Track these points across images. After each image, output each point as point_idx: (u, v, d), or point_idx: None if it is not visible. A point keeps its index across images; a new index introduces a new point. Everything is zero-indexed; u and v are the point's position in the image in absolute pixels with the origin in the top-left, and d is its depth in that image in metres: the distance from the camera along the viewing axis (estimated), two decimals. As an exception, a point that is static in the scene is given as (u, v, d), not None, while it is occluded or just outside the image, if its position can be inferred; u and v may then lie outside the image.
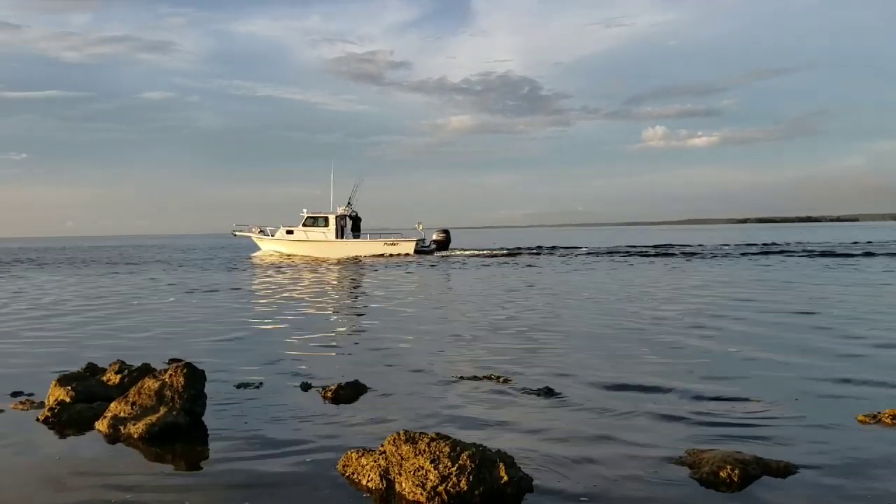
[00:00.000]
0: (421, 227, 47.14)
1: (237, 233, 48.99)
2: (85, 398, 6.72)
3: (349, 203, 47.00)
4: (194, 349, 10.29)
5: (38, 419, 6.45)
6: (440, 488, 4.44)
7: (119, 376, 7.28)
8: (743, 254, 37.69)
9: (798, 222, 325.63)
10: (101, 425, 6.12)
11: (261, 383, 7.92)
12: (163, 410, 6.06)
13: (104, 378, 7.32)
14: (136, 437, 5.86)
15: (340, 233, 45.98)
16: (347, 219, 46.81)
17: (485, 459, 4.56)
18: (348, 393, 7.31)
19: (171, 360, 8.86)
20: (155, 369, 6.99)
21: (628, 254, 40.30)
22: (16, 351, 10.52)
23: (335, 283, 24.43)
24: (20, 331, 12.79)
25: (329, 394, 7.26)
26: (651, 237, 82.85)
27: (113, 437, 5.95)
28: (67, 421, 6.36)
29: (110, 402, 6.44)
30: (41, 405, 6.88)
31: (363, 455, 4.90)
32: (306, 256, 43.84)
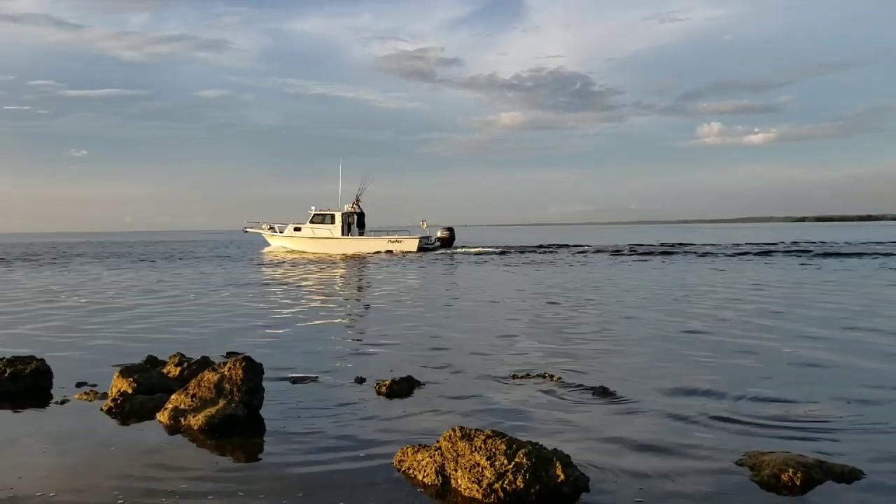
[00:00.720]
0: (425, 225, 47.31)
1: (248, 229, 49.71)
2: (146, 390, 6.91)
3: (357, 199, 47.39)
4: (246, 343, 10.46)
5: (101, 409, 6.65)
6: (496, 486, 4.44)
7: (179, 369, 7.46)
8: (799, 252, 36.80)
9: (858, 221, 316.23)
10: (162, 416, 6.28)
11: (316, 378, 8.03)
12: (222, 403, 6.19)
13: (164, 370, 7.52)
14: (195, 428, 6.00)
15: (347, 230, 46.43)
16: (354, 216, 47.20)
17: (541, 458, 4.54)
18: (402, 388, 7.37)
19: (229, 354, 9.05)
20: (214, 362, 7.15)
21: (668, 253, 39.50)
22: (78, 343, 10.83)
23: (354, 280, 24.59)
24: (81, 323, 13.18)
25: (383, 389, 7.32)
26: (704, 235, 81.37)
27: (173, 428, 6.10)
28: (130, 412, 6.54)
29: (171, 393, 6.61)
30: (104, 396, 7.09)
31: (419, 450, 4.93)
32: (311, 253, 44.28)
